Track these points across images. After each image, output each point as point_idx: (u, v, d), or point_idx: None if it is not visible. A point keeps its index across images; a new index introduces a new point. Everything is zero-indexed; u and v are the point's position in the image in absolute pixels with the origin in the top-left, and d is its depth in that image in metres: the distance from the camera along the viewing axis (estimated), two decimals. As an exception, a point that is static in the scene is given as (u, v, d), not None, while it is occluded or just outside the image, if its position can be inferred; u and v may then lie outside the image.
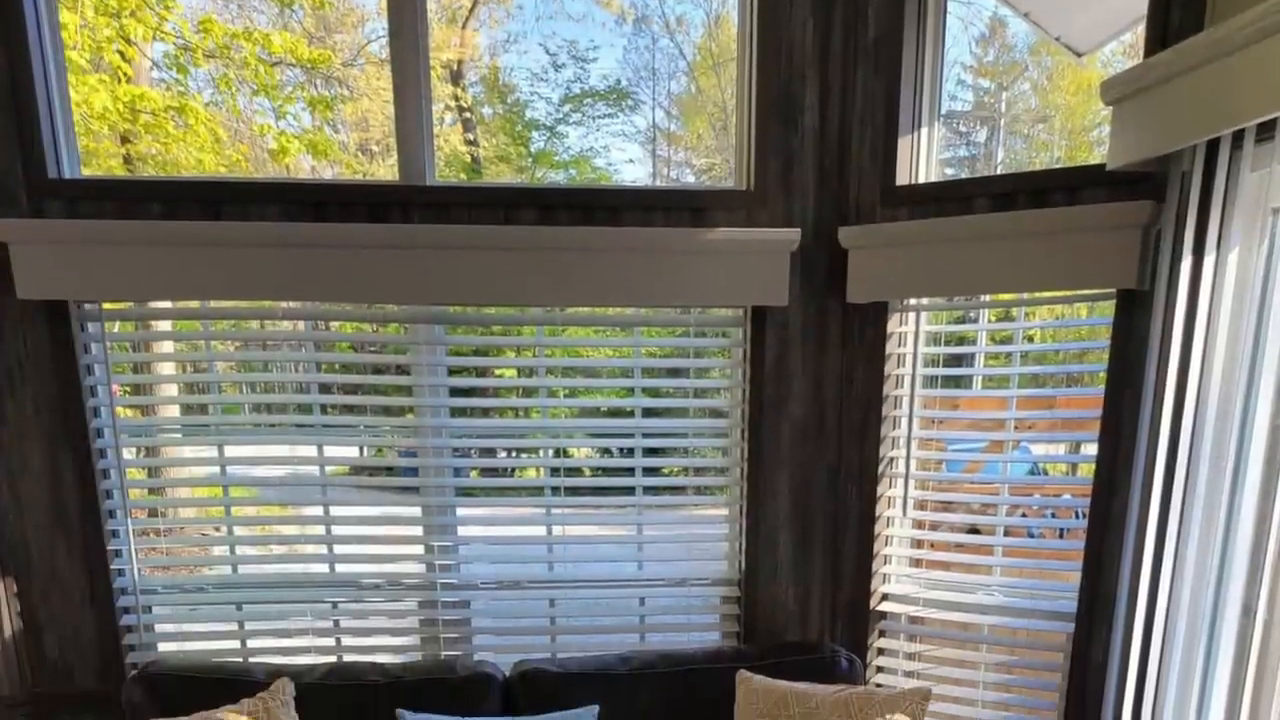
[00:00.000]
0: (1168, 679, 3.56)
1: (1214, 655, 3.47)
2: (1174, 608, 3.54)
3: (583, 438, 4.76)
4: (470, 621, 4.77)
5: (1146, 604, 3.64)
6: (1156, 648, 3.60)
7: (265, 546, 4.70)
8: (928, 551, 4.65)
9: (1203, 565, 3.47)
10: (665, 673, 4.28)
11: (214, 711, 3.76)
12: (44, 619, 4.43)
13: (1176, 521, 3.51)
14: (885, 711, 3.80)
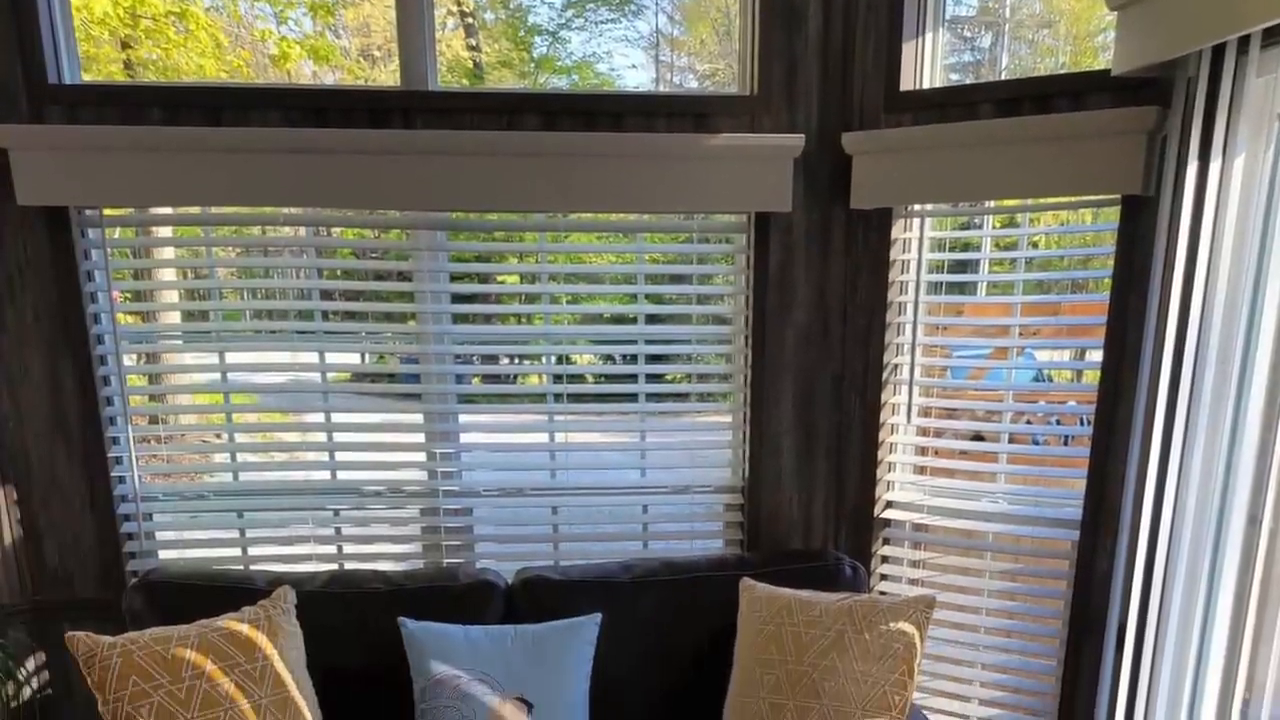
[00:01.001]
0: (1173, 587, 3.53)
1: (1219, 564, 3.45)
2: (1179, 516, 3.51)
3: (585, 344, 4.70)
4: (472, 529, 4.73)
5: (1152, 512, 3.60)
6: (1162, 556, 3.57)
7: (266, 454, 4.64)
8: (932, 459, 4.60)
9: (1208, 473, 3.44)
10: (668, 580, 4.24)
11: (215, 619, 3.70)
12: (44, 526, 4.39)
13: (1182, 429, 3.48)
14: (889, 619, 3.75)
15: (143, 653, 3.49)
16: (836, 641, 3.76)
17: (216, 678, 3.53)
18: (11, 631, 4.31)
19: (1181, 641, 3.57)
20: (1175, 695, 3.59)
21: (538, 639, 3.90)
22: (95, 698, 3.45)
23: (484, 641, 3.87)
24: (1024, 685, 4.35)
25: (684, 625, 4.17)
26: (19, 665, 4.33)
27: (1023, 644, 4.38)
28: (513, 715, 3.73)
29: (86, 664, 3.44)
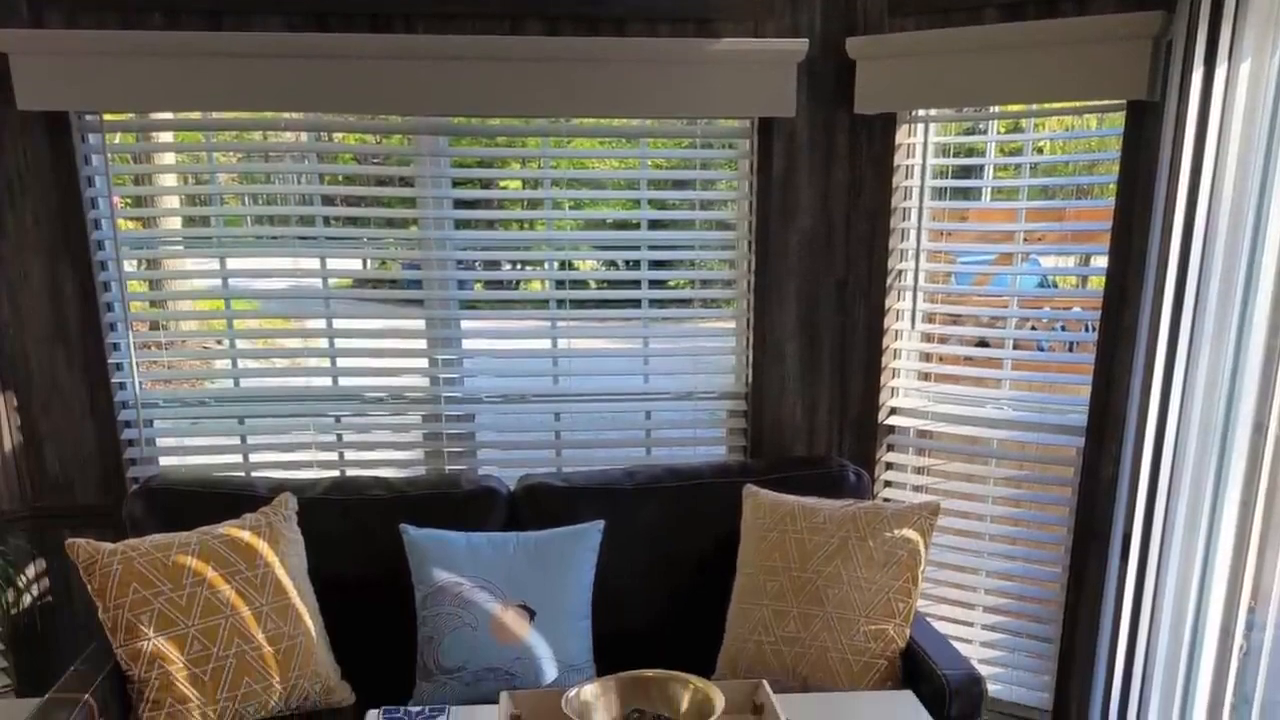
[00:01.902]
0: (1178, 495, 3.48)
1: (1224, 472, 3.37)
2: (1184, 423, 3.45)
3: (588, 250, 4.63)
4: (474, 435, 4.67)
5: (1157, 419, 3.57)
6: (1167, 463, 3.52)
7: (267, 360, 4.57)
8: (936, 365, 4.52)
9: (1213, 380, 3.37)
10: (671, 487, 4.19)
11: (215, 526, 3.66)
12: (44, 433, 4.33)
13: (1187, 335, 3.43)
14: (893, 526, 3.70)
15: (143, 560, 3.45)
16: (840, 548, 3.71)
17: (217, 585, 3.50)
18: (11, 539, 4.26)
19: (1186, 549, 3.51)
20: (1180, 603, 3.53)
21: (540, 546, 3.85)
22: (96, 605, 3.41)
23: (486, 548, 3.81)
24: (1028, 592, 4.31)
25: (687, 532, 4.12)
26: (19, 572, 4.29)
27: (1027, 551, 4.33)
28: (515, 622, 3.69)
29: (87, 571, 3.41)
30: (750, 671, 3.71)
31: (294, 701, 3.58)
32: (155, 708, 3.36)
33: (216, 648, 3.43)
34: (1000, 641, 4.40)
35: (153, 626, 3.38)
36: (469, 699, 3.59)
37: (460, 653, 3.65)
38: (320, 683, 3.62)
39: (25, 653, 4.32)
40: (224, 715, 3.43)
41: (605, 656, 3.83)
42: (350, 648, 3.80)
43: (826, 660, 3.61)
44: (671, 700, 2.87)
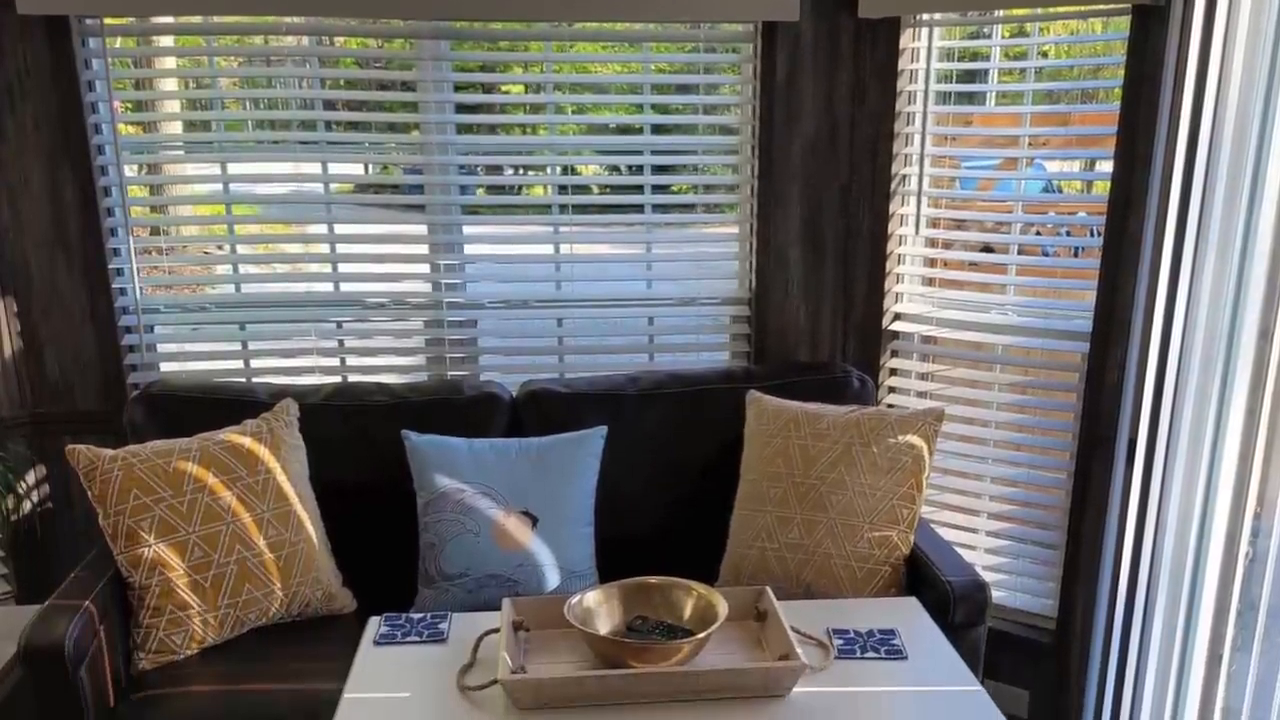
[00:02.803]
0: (1184, 401, 3.42)
1: (1230, 378, 3.31)
2: (1190, 329, 3.39)
3: (590, 155, 4.53)
4: (477, 341, 4.58)
5: (1162, 325, 3.50)
6: (1172, 369, 3.46)
7: (269, 265, 4.50)
8: (940, 270, 4.42)
9: (1219, 286, 3.31)
10: (674, 393, 4.11)
11: (216, 432, 3.59)
12: (44, 338, 4.24)
13: (1193, 240, 3.36)
14: (898, 432, 3.62)
15: (144, 466, 3.38)
16: (844, 454, 3.64)
17: (218, 491, 3.44)
18: (11, 444, 4.18)
19: (1192, 456, 3.45)
20: (1186, 510, 3.47)
21: (543, 452, 3.78)
22: (96, 511, 3.35)
23: (488, 455, 3.74)
24: (1033, 499, 4.23)
25: (690, 438, 4.05)
26: (19, 479, 4.22)
27: (1031, 457, 4.25)
28: (517, 529, 3.63)
29: (87, 477, 3.34)
30: (753, 578, 3.65)
31: (295, 608, 3.53)
32: (156, 614, 3.30)
33: (217, 554, 3.37)
34: (1005, 548, 4.33)
35: (153, 533, 3.32)
36: (471, 605, 3.54)
37: (462, 559, 3.59)
38: (322, 589, 3.58)
39: (25, 559, 4.27)
40: (225, 622, 3.38)
41: (608, 563, 3.79)
42: (352, 555, 3.76)
43: (830, 567, 3.55)
44: (675, 607, 2.83)
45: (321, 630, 3.55)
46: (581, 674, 2.56)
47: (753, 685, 2.56)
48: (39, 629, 2.97)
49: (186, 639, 3.32)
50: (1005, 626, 4.26)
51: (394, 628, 2.97)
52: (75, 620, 3.00)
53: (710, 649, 2.74)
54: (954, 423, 4.33)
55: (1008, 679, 4.27)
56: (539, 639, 2.87)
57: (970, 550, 4.33)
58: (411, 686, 2.65)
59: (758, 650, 2.83)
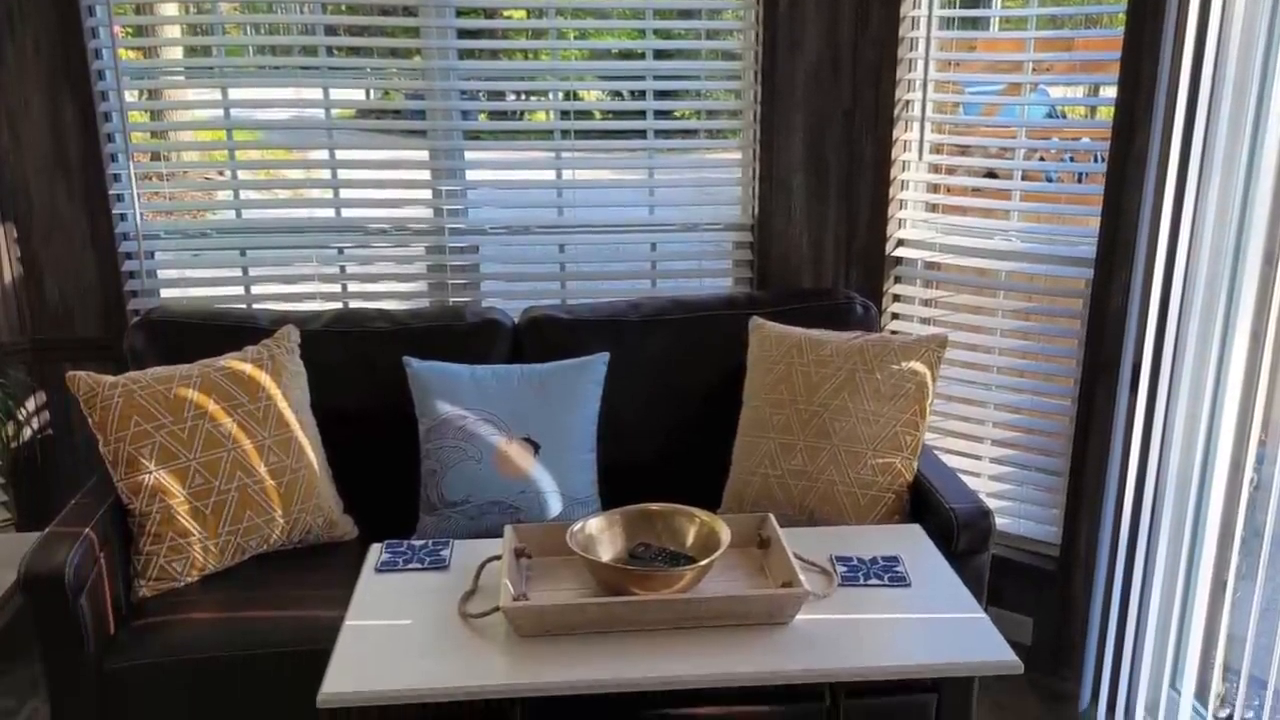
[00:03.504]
0: (1188, 327, 3.37)
1: (1235, 304, 3.28)
2: (1194, 255, 3.33)
3: (593, 80, 4.46)
4: (478, 267, 4.52)
5: (1166, 250, 3.44)
6: (1177, 295, 3.40)
7: (270, 191, 4.44)
8: (944, 196, 4.36)
9: (1224, 211, 3.26)
10: (677, 319, 4.05)
11: (217, 359, 3.53)
12: (44, 264, 4.19)
13: (1197, 164, 3.29)
14: (901, 358, 3.56)
15: (144, 392, 3.32)
16: (847, 381, 3.58)
17: (219, 418, 3.39)
18: (11, 371, 4.14)
19: (1196, 381, 3.41)
20: (1190, 436, 3.43)
21: (545, 379, 3.72)
22: (96, 438, 3.29)
23: (490, 381, 3.69)
24: (1037, 425, 4.17)
25: (692, 365, 3.99)
26: (19, 405, 4.18)
27: (1035, 384, 4.18)
28: (519, 455, 3.58)
29: (87, 404, 3.28)
30: (756, 505, 3.61)
31: (296, 535, 3.49)
32: (156, 541, 3.25)
33: (218, 481, 3.32)
34: (1008, 475, 4.28)
35: (154, 460, 3.26)
36: (473, 533, 3.49)
37: (464, 486, 3.54)
38: (323, 516, 3.53)
39: (25, 486, 4.24)
40: (225, 549, 3.34)
41: (610, 490, 3.74)
42: (353, 481, 3.72)
43: (833, 494, 3.50)
44: (677, 534, 2.78)
45: (323, 557, 3.52)
46: (584, 601, 2.52)
47: (755, 612, 2.52)
48: (39, 556, 2.92)
49: (187, 566, 3.28)
50: (1009, 553, 4.21)
51: (395, 555, 2.92)
52: (75, 548, 2.95)
53: (713, 576, 2.70)
54: (957, 349, 4.26)
55: (1011, 606, 4.23)
56: (541, 566, 2.83)
57: (974, 477, 4.28)
58: (413, 614, 2.61)
59: (760, 577, 2.79)
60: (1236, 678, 3.28)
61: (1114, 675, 3.76)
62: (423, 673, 2.34)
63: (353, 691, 2.27)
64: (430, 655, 2.41)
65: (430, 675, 2.32)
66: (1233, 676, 3.46)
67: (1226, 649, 3.48)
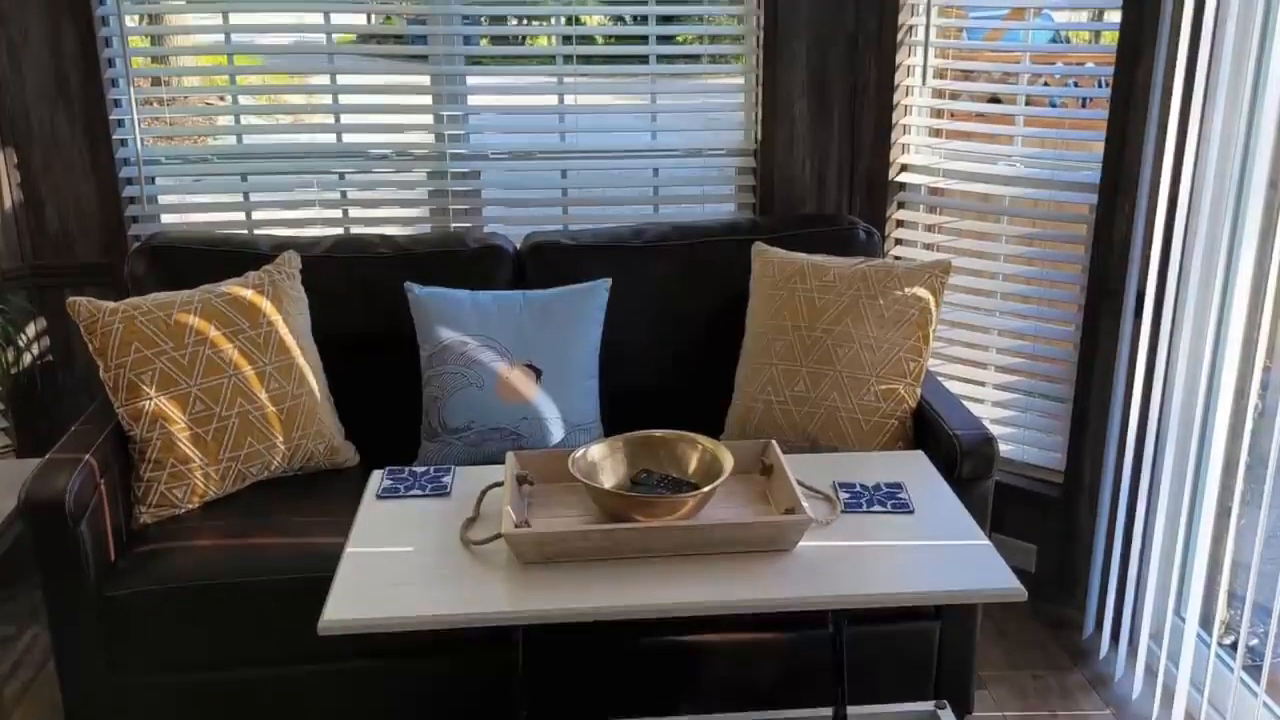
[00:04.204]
0: (1193, 252, 3.33)
1: (1239, 228, 3.22)
2: (1199, 180, 3.28)
3: (595, 4, 4.38)
4: (480, 193, 4.46)
5: (1171, 175, 3.39)
6: (1181, 221, 3.36)
7: (271, 116, 4.37)
8: (947, 121, 4.28)
9: (1228, 136, 3.21)
10: (679, 245, 3.97)
11: (218, 284, 3.46)
12: (44, 191, 4.13)
13: (1202, 90, 3.24)
14: (904, 284, 3.50)
15: (145, 318, 3.26)
16: (851, 307, 3.51)
17: (220, 344, 3.32)
18: (11, 297, 4.08)
19: (1201, 307, 3.36)
20: (1195, 363, 3.39)
21: (547, 305, 3.66)
22: (96, 365, 3.23)
23: (492, 307, 3.62)
24: (1041, 351, 4.12)
25: (695, 291, 3.93)
26: (19, 331, 4.13)
27: (1039, 310, 4.13)
28: (521, 381, 3.53)
29: (88, 330, 3.21)
30: (759, 431, 3.55)
31: (298, 462, 3.44)
32: (157, 467, 3.20)
33: (219, 407, 3.26)
34: (1012, 401, 4.23)
35: (154, 386, 3.21)
36: (474, 459, 3.46)
37: (466, 412, 3.49)
38: (324, 443, 3.48)
39: (25, 413, 4.20)
40: (226, 475, 3.29)
41: (613, 416, 3.70)
42: (355, 408, 3.68)
43: (836, 420, 3.45)
44: (680, 460, 2.72)
45: (324, 484, 3.48)
46: (586, 528, 2.47)
47: (758, 539, 2.47)
48: (39, 483, 2.87)
49: (188, 493, 3.23)
50: (1013, 480, 4.18)
51: (397, 481, 2.87)
52: (76, 474, 2.90)
53: (715, 503, 2.65)
54: (961, 275, 4.21)
55: (1015, 533, 4.20)
56: (543, 493, 2.78)
57: (978, 404, 4.24)
58: (414, 540, 2.56)
59: (763, 504, 2.74)
60: (1241, 605, 3.25)
61: (1118, 602, 3.74)
62: (424, 600, 2.29)
63: (353, 618, 2.23)
64: (431, 582, 2.36)
65: (431, 602, 2.28)
66: (1237, 603, 3.44)
67: (1231, 576, 3.44)
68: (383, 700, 3.10)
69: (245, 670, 3.05)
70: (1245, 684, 3.21)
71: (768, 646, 3.18)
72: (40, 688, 3.67)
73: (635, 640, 3.13)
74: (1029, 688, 3.69)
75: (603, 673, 3.19)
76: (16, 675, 3.75)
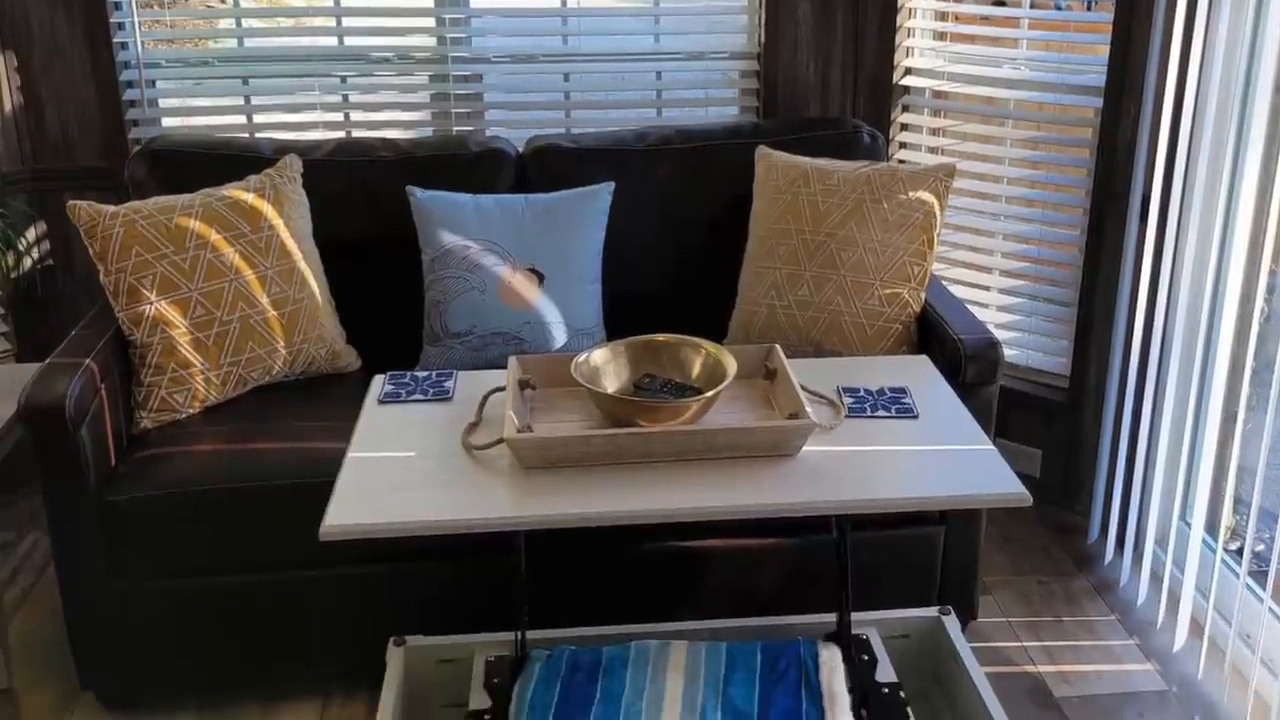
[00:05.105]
0: (1198, 156, 3.28)
1: (1245, 133, 3.18)
2: (1204, 84, 3.24)
3: None
4: (483, 97, 4.38)
5: (1176, 79, 3.34)
6: (1187, 124, 3.30)
7: (272, 19, 4.30)
8: (952, 24, 4.20)
9: (1234, 39, 3.17)
10: (682, 148, 3.89)
11: (219, 188, 3.38)
12: (45, 94, 4.05)
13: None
14: (908, 188, 3.42)
15: (145, 222, 3.19)
16: (854, 210, 3.44)
17: (221, 248, 3.26)
18: (11, 201, 4.01)
19: (1206, 211, 3.31)
20: (1200, 266, 3.34)
21: (549, 208, 3.59)
22: (97, 269, 3.17)
23: (495, 211, 3.55)
24: (1046, 256, 4.06)
25: (698, 195, 3.86)
26: (19, 235, 4.06)
27: (1044, 214, 4.06)
28: (523, 286, 3.47)
29: (88, 234, 3.14)
30: (763, 336, 3.49)
31: (299, 367, 3.39)
32: (157, 372, 3.14)
33: (220, 312, 3.20)
34: (1017, 306, 4.18)
35: (155, 290, 3.14)
36: (476, 364, 3.40)
37: (468, 316, 3.44)
38: (326, 347, 3.43)
39: (25, 317, 4.15)
40: (227, 380, 3.23)
41: (615, 320, 3.62)
42: (356, 313, 3.62)
43: (840, 324, 3.39)
44: (683, 365, 2.65)
45: (325, 389, 3.43)
46: (588, 433, 2.42)
47: (761, 444, 2.41)
48: (39, 387, 2.81)
49: (188, 398, 3.18)
50: (1017, 385, 4.13)
51: (398, 386, 2.81)
52: (76, 379, 2.84)
53: (718, 408, 2.59)
54: (966, 179, 4.13)
55: (1020, 438, 4.16)
56: (545, 397, 2.72)
57: (982, 308, 4.18)
58: (416, 445, 2.50)
59: (767, 409, 2.67)
60: (1247, 510, 3.21)
61: (1123, 508, 3.71)
62: (425, 505, 2.23)
63: (354, 524, 2.17)
64: (433, 487, 2.30)
65: (433, 507, 2.22)
66: (1243, 509, 3.40)
67: (1237, 481, 3.41)
68: (384, 606, 3.07)
69: (246, 576, 3.01)
70: (1251, 589, 3.18)
71: (771, 552, 3.15)
72: (40, 593, 3.66)
73: (637, 546, 3.10)
74: (1033, 593, 3.67)
75: (605, 578, 3.16)
76: (17, 581, 3.74)
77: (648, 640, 2.65)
